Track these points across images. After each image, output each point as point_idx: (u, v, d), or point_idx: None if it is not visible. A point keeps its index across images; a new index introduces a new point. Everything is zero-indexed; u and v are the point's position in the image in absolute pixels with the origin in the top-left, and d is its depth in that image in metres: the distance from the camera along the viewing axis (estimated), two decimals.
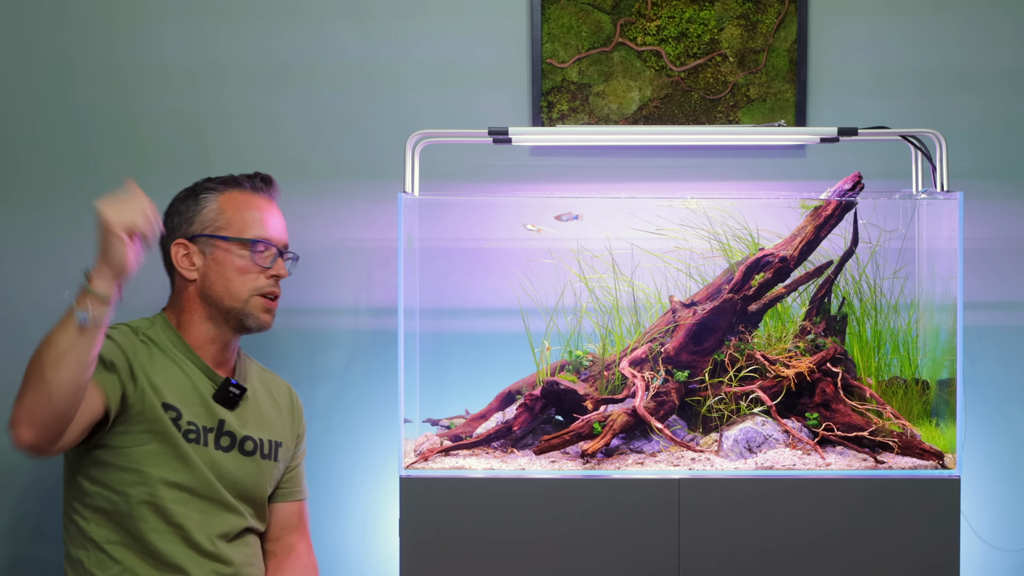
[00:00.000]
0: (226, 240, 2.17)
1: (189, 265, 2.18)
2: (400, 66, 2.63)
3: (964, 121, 2.61)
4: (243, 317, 2.18)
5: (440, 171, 2.52)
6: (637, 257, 2.39)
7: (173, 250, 2.18)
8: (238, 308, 2.17)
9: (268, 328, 2.21)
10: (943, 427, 2.29)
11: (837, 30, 2.62)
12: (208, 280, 2.17)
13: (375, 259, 2.64)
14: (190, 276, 2.18)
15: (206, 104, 2.63)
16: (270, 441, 2.24)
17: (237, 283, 2.17)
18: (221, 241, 2.17)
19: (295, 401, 2.36)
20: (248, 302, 2.18)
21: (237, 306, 2.17)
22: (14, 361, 2.64)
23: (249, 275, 2.18)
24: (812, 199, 2.33)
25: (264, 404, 2.27)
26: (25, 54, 2.63)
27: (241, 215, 2.19)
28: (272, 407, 2.28)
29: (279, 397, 2.32)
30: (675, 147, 2.61)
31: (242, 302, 2.17)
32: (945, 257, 2.31)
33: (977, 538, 2.54)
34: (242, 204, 2.20)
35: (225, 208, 2.19)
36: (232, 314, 2.18)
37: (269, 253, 2.19)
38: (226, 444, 2.17)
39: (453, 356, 2.61)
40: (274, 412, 2.28)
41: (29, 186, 2.64)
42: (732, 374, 2.28)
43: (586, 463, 2.19)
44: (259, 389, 2.28)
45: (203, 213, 2.18)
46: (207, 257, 2.17)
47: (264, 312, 2.19)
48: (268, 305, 2.20)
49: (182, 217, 2.20)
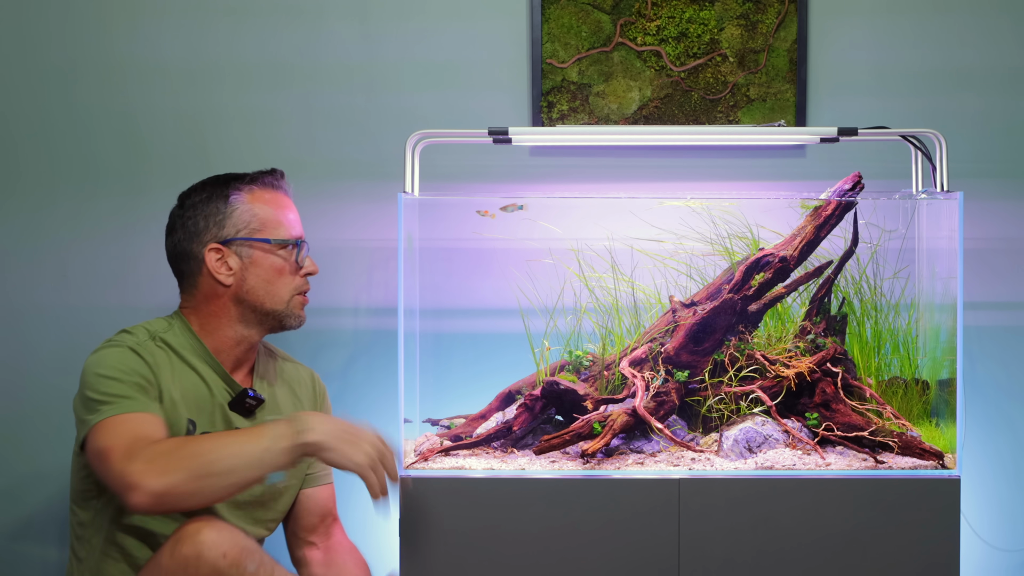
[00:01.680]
0: (256, 242, 2.12)
1: (226, 270, 2.11)
2: (400, 66, 2.63)
3: (964, 121, 2.61)
4: (284, 318, 2.15)
5: (440, 171, 2.52)
6: (637, 257, 2.39)
7: (207, 256, 2.11)
8: (280, 310, 2.14)
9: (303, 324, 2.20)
10: (943, 427, 2.29)
11: (837, 30, 2.62)
12: (247, 284, 2.12)
13: (375, 259, 2.64)
14: (226, 281, 2.11)
15: (206, 104, 2.63)
16: None
17: (279, 285, 2.13)
18: (260, 244, 2.12)
19: (317, 389, 2.31)
20: (289, 303, 2.15)
21: (279, 308, 2.14)
22: (14, 360, 2.66)
23: (287, 276, 2.15)
24: (812, 199, 2.33)
25: (284, 404, 2.23)
26: (25, 54, 2.63)
27: (275, 216, 2.14)
28: (292, 405, 2.25)
29: (300, 389, 2.28)
30: (675, 147, 2.61)
31: (284, 304, 2.14)
32: (945, 257, 2.31)
33: (977, 538, 2.54)
34: (272, 204, 2.16)
35: (256, 209, 2.13)
36: (273, 316, 2.14)
37: (302, 252, 2.18)
38: None
39: (453, 356, 2.61)
40: (294, 409, 2.24)
41: (29, 186, 2.64)
42: (732, 374, 2.28)
43: (586, 463, 2.19)
44: (279, 388, 2.24)
45: (235, 215, 2.12)
46: (244, 260, 2.12)
47: (302, 309, 2.18)
48: (305, 302, 2.19)
49: (211, 220, 2.12)
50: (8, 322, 2.64)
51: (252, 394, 2.14)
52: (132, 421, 1.94)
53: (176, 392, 2.07)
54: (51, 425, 2.61)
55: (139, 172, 2.64)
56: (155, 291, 2.61)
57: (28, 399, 2.64)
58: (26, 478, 2.65)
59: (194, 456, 1.86)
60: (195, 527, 1.88)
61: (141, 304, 2.62)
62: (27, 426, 2.64)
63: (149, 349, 2.06)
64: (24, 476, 2.65)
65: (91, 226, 2.64)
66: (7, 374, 2.66)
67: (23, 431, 2.65)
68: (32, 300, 2.64)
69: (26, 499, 2.66)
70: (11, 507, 2.66)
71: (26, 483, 2.65)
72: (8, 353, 2.65)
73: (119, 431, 1.92)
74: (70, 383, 2.14)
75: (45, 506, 2.63)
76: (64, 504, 2.40)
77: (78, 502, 2.10)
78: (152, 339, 2.09)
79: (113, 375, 2.00)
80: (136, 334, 2.09)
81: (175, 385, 2.07)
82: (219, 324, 2.13)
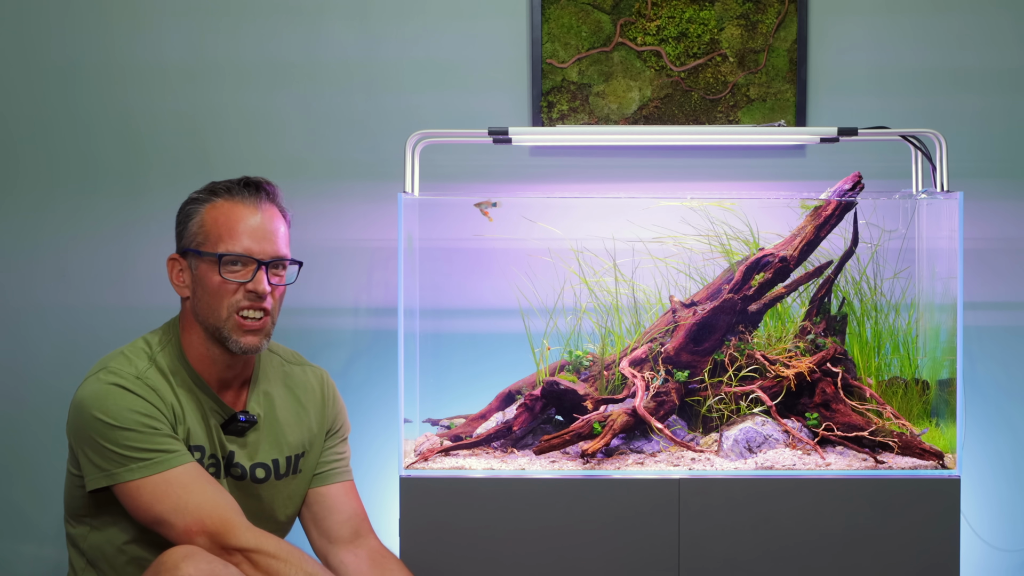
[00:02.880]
0: (199, 255, 2.02)
1: (180, 282, 2.06)
2: (400, 66, 2.63)
3: (964, 121, 2.61)
4: (224, 339, 2.02)
5: (440, 171, 2.52)
6: (637, 257, 2.39)
7: (168, 265, 2.07)
8: (219, 327, 2.01)
9: (254, 350, 2.03)
10: (943, 427, 2.29)
11: (837, 30, 2.62)
12: (196, 297, 2.03)
13: (375, 259, 2.64)
14: (183, 293, 2.06)
15: (206, 104, 2.63)
16: (288, 458, 2.14)
17: (215, 301, 2.01)
18: (200, 257, 2.02)
19: (326, 392, 2.21)
20: (227, 321, 2.01)
21: (218, 325, 2.01)
22: (13, 360, 2.66)
23: (224, 293, 2.01)
24: (812, 199, 2.33)
25: (284, 415, 2.15)
26: (25, 54, 2.63)
27: (217, 228, 2.01)
28: (294, 414, 2.17)
29: (306, 396, 2.19)
30: (675, 147, 2.61)
31: (222, 321, 2.01)
32: (945, 257, 2.31)
33: (977, 538, 2.54)
34: (221, 216, 2.02)
35: (206, 221, 2.03)
36: (217, 335, 2.02)
37: (247, 268, 2.01)
38: (238, 474, 2.08)
39: (453, 356, 2.61)
40: (298, 420, 2.16)
41: (28, 186, 2.64)
42: (732, 374, 2.28)
43: (586, 463, 2.19)
44: (280, 400, 2.16)
45: (189, 226, 2.04)
46: (194, 273, 2.03)
47: (244, 334, 2.01)
48: (247, 325, 2.01)
49: (176, 231, 2.08)
50: (7, 322, 2.64)
51: (243, 418, 2.07)
52: (173, 482, 1.93)
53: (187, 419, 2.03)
54: (49, 425, 2.61)
55: (138, 172, 2.64)
56: (154, 291, 2.60)
57: (27, 399, 2.64)
58: (25, 478, 2.65)
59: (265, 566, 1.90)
60: (176, 559, 1.85)
61: (140, 304, 2.62)
62: (26, 426, 2.64)
63: (152, 382, 2.00)
64: (23, 476, 2.65)
65: (90, 226, 2.64)
66: (6, 374, 2.65)
67: (22, 431, 2.64)
68: (31, 300, 2.64)
69: (25, 499, 2.65)
70: (10, 507, 2.65)
71: (25, 483, 2.65)
72: (7, 353, 2.65)
73: (168, 495, 1.92)
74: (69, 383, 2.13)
75: (44, 506, 2.63)
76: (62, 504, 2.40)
77: (73, 516, 2.08)
78: (151, 364, 2.02)
79: (127, 425, 1.94)
80: (134, 361, 2.02)
81: (186, 414, 2.03)
82: (192, 341, 2.06)
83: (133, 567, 2.04)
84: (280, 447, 2.13)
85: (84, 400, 1.96)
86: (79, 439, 1.97)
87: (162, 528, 1.93)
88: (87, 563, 2.07)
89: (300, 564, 1.91)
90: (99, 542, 2.05)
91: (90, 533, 2.05)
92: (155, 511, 1.92)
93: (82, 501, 2.04)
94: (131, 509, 1.95)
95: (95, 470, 1.95)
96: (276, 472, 2.12)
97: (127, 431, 1.94)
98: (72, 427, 1.98)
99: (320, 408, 2.19)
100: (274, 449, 2.12)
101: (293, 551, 1.93)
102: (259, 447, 2.11)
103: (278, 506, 2.14)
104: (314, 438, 2.18)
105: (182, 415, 2.02)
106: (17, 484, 2.66)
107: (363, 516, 2.17)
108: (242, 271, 2.01)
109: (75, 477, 2.03)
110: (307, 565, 1.92)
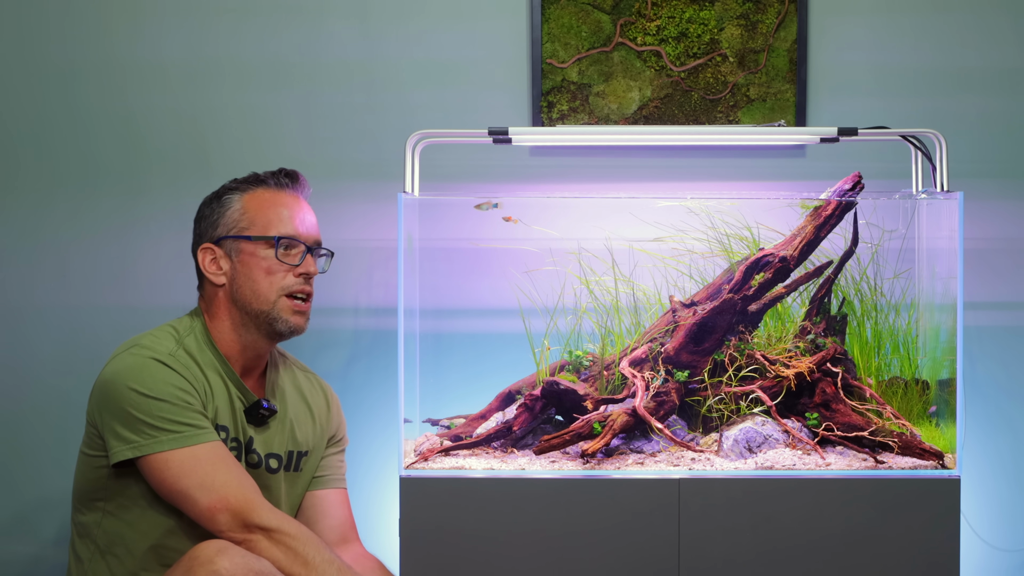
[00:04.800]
0: (250, 240, 2.09)
1: (216, 269, 2.10)
2: (400, 65, 2.63)
3: (964, 121, 2.61)
4: (272, 321, 2.09)
5: (440, 171, 2.52)
6: (637, 257, 2.39)
7: (200, 255, 2.11)
8: (266, 311, 2.08)
9: (301, 331, 2.12)
10: (943, 427, 2.29)
11: (837, 30, 2.62)
12: (236, 284, 2.09)
13: (375, 259, 2.64)
14: (218, 281, 2.10)
15: (206, 104, 2.63)
16: (296, 452, 2.18)
17: (264, 284, 2.08)
18: (246, 241, 2.09)
19: (331, 401, 2.28)
20: (276, 304, 2.09)
21: (265, 309, 2.08)
22: (13, 360, 2.66)
23: (276, 275, 2.09)
24: (812, 199, 2.33)
25: (296, 412, 2.20)
26: (25, 54, 2.63)
27: (265, 213, 2.10)
28: (304, 414, 2.22)
29: (313, 400, 2.25)
30: (675, 147, 2.61)
31: (270, 304, 2.08)
32: (945, 257, 2.31)
33: (977, 538, 2.54)
34: (266, 202, 2.12)
35: (249, 207, 2.11)
36: (262, 318, 2.09)
37: (297, 250, 2.11)
38: (254, 461, 2.12)
39: (453, 356, 2.61)
40: (305, 420, 2.22)
41: (29, 186, 2.64)
42: (732, 374, 2.28)
43: (586, 463, 2.19)
44: (291, 397, 2.21)
45: (227, 215, 2.10)
46: (234, 260, 2.10)
47: (294, 314, 2.10)
48: (297, 307, 2.11)
49: (207, 221, 2.12)
50: (7, 322, 2.64)
51: (266, 405, 2.12)
52: (201, 458, 1.96)
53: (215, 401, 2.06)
54: (50, 425, 2.61)
55: (139, 172, 2.64)
56: (154, 291, 2.61)
57: (27, 399, 2.64)
58: (24, 477, 2.65)
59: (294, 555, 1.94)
60: (211, 552, 1.87)
61: (140, 304, 2.62)
62: (26, 426, 2.64)
63: (183, 361, 2.04)
64: (22, 475, 2.65)
65: (90, 226, 2.64)
66: (6, 374, 2.65)
67: (22, 431, 2.64)
68: (31, 300, 2.64)
69: (24, 499, 2.65)
70: (9, 507, 2.65)
71: (24, 482, 2.65)
72: (7, 353, 2.65)
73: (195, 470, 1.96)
74: (69, 383, 2.14)
75: (43, 506, 2.63)
76: (63, 504, 2.40)
77: (83, 503, 2.08)
78: (180, 345, 2.06)
79: (162, 396, 1.97)
80: (164, 341, 2.06)
81: (215, 396, 2.06)
82: (223, 328, 2.11)
83: (152, 554, 2.05)
84: (290, 441, 2.18)
85: (118, 373, 1.99)
86: (108, 413, 1.99)
87: (185, 503, 1.96)
88: (98, 552, 2.07)
89: (318, 547, 1.96)
90: (116, 527, 2.06)
91: (104, 519, 2.06)
92: (181, 485, 1.95)
93: (98, 484, 2.06)
94: (155, 482, 1.97)
95: (121, 443, 1.97)
96: (285, 465, 2.17)
97: (162, 402, 1.97)
98: (98, 403, 2.01)
99: (325, 415, 2.26)
100: (286, 442, 2.17)
101: (312, 535, 1.98)
102: (274, 438, 2.15)
103: (283, 500, 2.18)
104: (318, 441, 2.24)
105: (211, 394, 2.06)
106: (17, 484, 2.65)
107: (352, 524, 2.25)
108: (293, 254, 2.11)
109: (91, 458, 2.05)
110: (323, 549, 1.97)
